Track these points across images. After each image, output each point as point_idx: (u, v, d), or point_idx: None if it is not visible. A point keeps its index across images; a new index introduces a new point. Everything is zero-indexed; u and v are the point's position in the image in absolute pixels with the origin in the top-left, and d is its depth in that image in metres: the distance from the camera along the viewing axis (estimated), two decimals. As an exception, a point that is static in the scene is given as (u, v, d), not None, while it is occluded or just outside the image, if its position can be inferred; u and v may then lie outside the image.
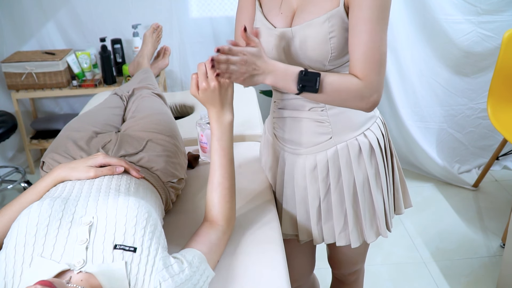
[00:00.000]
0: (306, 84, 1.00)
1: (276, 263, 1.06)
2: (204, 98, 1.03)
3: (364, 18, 0.98)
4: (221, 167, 1.08)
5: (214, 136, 1.07)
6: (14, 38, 2.95)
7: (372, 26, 0.98)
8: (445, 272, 2.14)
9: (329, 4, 1.02)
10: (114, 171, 1.06)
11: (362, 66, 1.01)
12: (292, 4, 1.08)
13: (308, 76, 1.00)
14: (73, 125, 1.39)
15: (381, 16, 0.99)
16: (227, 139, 1.08)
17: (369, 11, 0.97)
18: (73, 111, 3.21)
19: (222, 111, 1.05)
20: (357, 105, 1.05)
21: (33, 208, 0.90)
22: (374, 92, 1.02)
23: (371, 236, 1.24)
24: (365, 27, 0.98)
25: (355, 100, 1.03)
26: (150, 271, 0.85)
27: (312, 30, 1.04)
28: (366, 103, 1.04)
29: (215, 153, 1.08)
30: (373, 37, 0.99)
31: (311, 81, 1.00)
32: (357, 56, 1.01)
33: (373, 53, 1.00)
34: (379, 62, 1.01)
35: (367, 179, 1.19)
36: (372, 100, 1.03)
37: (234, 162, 1.11)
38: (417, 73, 2.71)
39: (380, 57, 1.01)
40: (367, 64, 1.00)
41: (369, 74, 1.01)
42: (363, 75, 1.01)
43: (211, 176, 1.09)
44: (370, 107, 1.05)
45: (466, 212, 2.55)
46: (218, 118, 1.06)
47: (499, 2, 2.48)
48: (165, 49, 2.14)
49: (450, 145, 2.83)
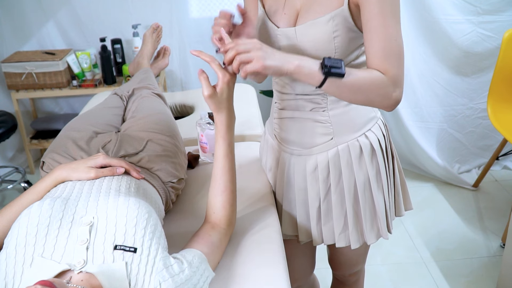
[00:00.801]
0: (333, 65, 0.92)
1: (276, 263, 1.06)
2: (225, 96, 0.99)
3: (377, 13, 0.96)
4: (229, 171, 1.07)
5: (224, 141, 1.06)
6: (14, 38, 2.95)
7: (386, 20, 0.96)
8: (445, 272, 2.14)
9: (333, 4, 1.01)
10: (115, 172, 1.06)
11: (381, 61, 0.98)
12: (295, 4, 1.07)
13: (332, 61, 0.93)
14: (73, 125, 1.39)
15: (393, 10, 0.97)
16: (233, 143, 1.08)
17: (380, 6, 0.96)
18: (73, 111, 3.21)
19: (231, 114, 1.05)
20: (381, 101, 1.01)
21: (34, 208, 0.91)
22: (397, 87, 0.99)
23: (371, 238, 1.23)
24: (379, 21, 0.96)
25: (379, 94, 0.99)
26: (150, 271, 0.85)
27: (316, 30, 1.03)
28: (389, 99, 1.00)
29: (225, 158, 1.07)
30: (389, 31, 0.97)
31: (337, 64, 0.92)
32: (375, 51, 0.98)
33: (391, 47, 0.97)
34: (398, 56, 0.99)
35: (368, 180, 1.18)
36: (395, 96, 1.00)
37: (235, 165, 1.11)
38: (417, 73, 2.71)
39: (398, 50, 0.98)
40: (386, 59, 0.98)
41: (389, 68, 0.98)
42: (384, 69, 0.98)
43: (216, 180, 1.08)
44: (393, 104, 1.01)
45: (466, 212, 2.55)
46: (230, 122, 1.05)
47: (499, 2, 2.48)
48: (165, 49, 2.14)
49: (450, 145, 2.83)
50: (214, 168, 1.09)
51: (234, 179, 1.09)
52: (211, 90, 0.98)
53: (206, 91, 0.98)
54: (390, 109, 1.02)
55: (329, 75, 0.93)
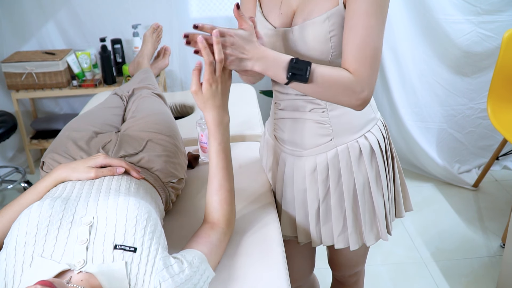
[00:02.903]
0: (296, 72, 0.96)
1: (276, 263, 1.06)
2: (208, 95, 0.99)
3: (360, 11, 0.96)
4: (222, 170, 1.07)
5: (214, 140, 1.05)
6: (14, 38, 2.95)
7: (367, 20, 0.96)
8: (445, 272, 2.14)
9: (329, 3, 1.01)
10: (115, 171, 1.06)
11: (353, 60, 0.98)
12: (291, 4, 1.08)
13: (298, 64, 0.96)
14: (73, 125, 1.39)
15: (378, 11, 0.96)
16: (227, 141, 1.07)
17: (365, 5, 0.95)
18: (73, 111, 3.21)
19: (223, 111, 1.03)
20: (347, 100, 1.01)
21: (34, 208, 0.91)
22: (365, 88, 0.99)
23: (370, 239, 1.23)
24: (360, 21, 0.96)
25: (345, 94, 1.00)
26: (150, 271, 0.85)
27: (312, 29, 1.03)
28: (356, 99, 1.00)
29: (216, 156, 1.06)
30: (368, 32, 0.96)
31: (302, 69, 0.96)
32: (349, 49, 0.98)
33: (366, 48, 0.97)
34: (372, 57, 0.98)
35: (367, 181, 1.18)
36: (362, 96, 1.00)
37: (232, 163, 1.11)
38: (417, 73, 2.71)
39: (373, 52, 0.98)
40: (359, 59, 0.98)
41: (360, 68, 0.98)
42: (354, 69, 0.98)
43: (211, 179, 1.08)
44: (360, 104, 1.02)
45: (466, 212, 2.55)
46: (220, 120, 1.03)
47: (499, 2, 2.48)
48: (165, 49, 2.14)
49: (450, 145, 2.83)
50: (209, 167, 1.09)
51: (229, 177, 1.08)
52: (197, 86, 0.98)
53: (192, 86, 0.98)
54: (358, 108, 1.03)
55: (293, 80, 0.97)
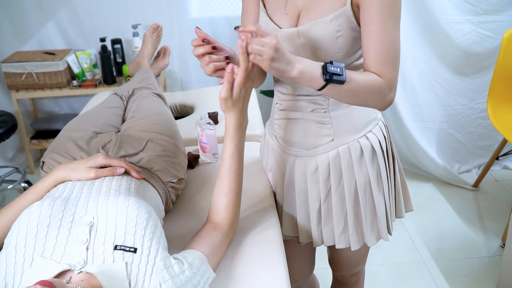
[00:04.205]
0: (335, 71, 0.93)
1: (276, 263, 1.06)
2: (237, 99, 0.99)
3: (376, 15, 0.97)
4: (234, 172, 1.07)
5: (231, 142, 1.06)
6: (14, 38, 2.94)
7: (384, 23, 0.97)
8: (445, 272, 2.14)
9: (336, 3, 1.01)
10: (115, 172, 1.06)
11: (379, 64, 0.99)
12: (297, 4, 1.07)
13: (334, 65, 0.94)
14: (73, 125, 1.39)
15: (393, 13, 0.98)
16: (243, 144, 1.08)
17: (380, 8, 0.96)
18: (73, 111, 3.21)
19: (243, 116, 1.05)
20: (375, 103, 1.04)
21: (34, 208, 0.91)
22: (392, 90, 1.02)
23: (371, 239, 1.23)
24: (377, 24, 0.97)
25: (375, 96, 1.02)
26: (151, 272, 0.85)
27: (319, 29, 1.03)
28: (383, 101, 1.03)
29: (230, 158, 1.06)
30: (387, 34, 0.98)
31: (339, 71, 0.94)
32: (373, 54, 1.00)
33: (388, 50, 0.99)
34: (395, 59, 1.00)
35: (368, 181, 1.18)
36: (389, 98, 1.03)
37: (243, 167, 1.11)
38: (417, 73, 2.71)
39: (395, 54, 1.00)
40: (384, 62, 0.99)
41: (386, 71, 1.00)
42: (381, 72, 1.00)
43: (221, 180, 1.08)
44: (386, 105, 1.04)
45: (466, 212, 2.55)
46: (241, 123, 1.05)
47: (499, 2, 2.48)
48: (165, 49, 2.14)
49: (450, 145, 2.83)
50: (220, 168, 1.09)
51: (239, 180, 1.09)
52: (229, 94, 0.98)
53: (223, 93, 0.98)
54: (382, 109, 1.06)
55: (330, 82, 0.95)
